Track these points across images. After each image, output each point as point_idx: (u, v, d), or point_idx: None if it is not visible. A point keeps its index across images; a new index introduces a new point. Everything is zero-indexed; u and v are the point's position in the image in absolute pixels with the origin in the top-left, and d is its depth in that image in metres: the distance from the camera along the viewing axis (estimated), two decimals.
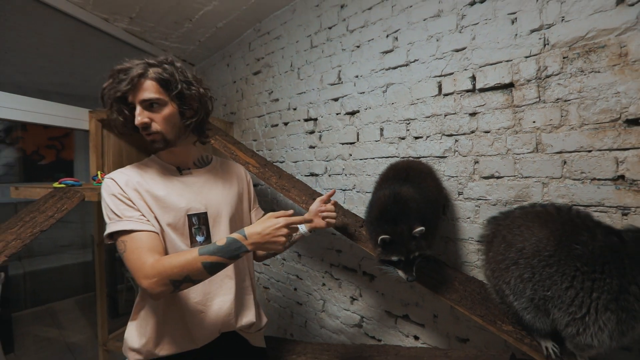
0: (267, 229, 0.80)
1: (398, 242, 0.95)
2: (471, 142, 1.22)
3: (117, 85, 0.85)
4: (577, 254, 0.81)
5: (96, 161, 2.10)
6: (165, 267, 0.79)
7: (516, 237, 0.92)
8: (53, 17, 2.14)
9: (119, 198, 0.88)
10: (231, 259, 0.81)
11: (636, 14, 0.89)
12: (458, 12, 1.24)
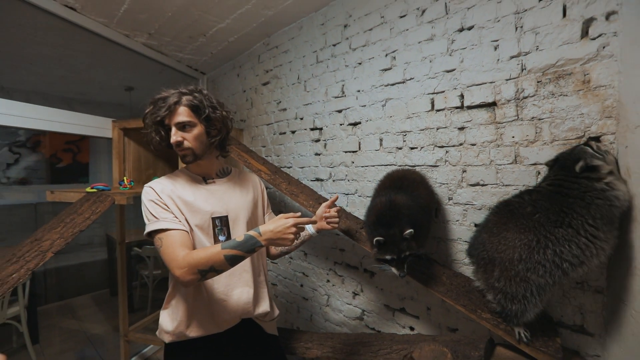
0: (278, 227, 0.95)
1: (391, 243, 1.10)
2: (460, 153, 1.38)
3: (157, 111, 1.01)
4: (543, 223, 0.96)
5: (119, 166, 2.28)
6: (194, 259, 0.94)
7: (504, 252, 1.00)
8: (77, 33, 2.32)
9: (156, 203, 1.04)
10: (248, 252, 0.96)
11: (596, 47, 1.04)
12: (449, 37, 1.39)
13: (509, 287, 0.98)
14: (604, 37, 1.03)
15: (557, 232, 0.93)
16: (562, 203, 0.94)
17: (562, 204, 0.94)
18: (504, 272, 1.00)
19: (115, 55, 2.69)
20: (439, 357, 1.03)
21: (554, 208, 0.95)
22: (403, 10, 1.55)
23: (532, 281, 0.96)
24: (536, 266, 0.95)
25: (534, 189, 1.05)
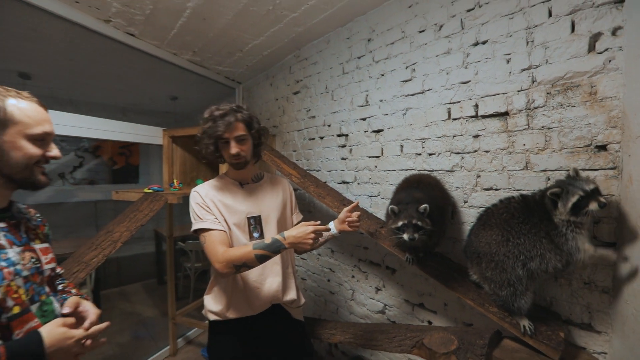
0: (299, 233, 1.11)
1: (404, 212, 1.26)
2: (474, 159, 1.47)
3: (216, 127, 1.20)
4: (514, 222, 1.14)
5: (168, 170, 2.59)
6: (230, 256, 1.14)
7: (484, 247, 1.20)
8: (134, 54, 2.66)
9: (201, 206, 1.25)
10: (274, 253, 1.13)
11: (603, 60, 1.11)
12: (464, 51, 1.49)
13: (495, 275, 1.11)
14: (610, 51, 1.09)
15: (516, 227, 1.12)
16: (529, 208, 1.13)
17: (529, 208, 1.13)
18: (489, 264, 1.17)
19: (164, 70, 3.03)
20: (447, 342, 1.14)
21: (521, 209, 1.13)
22: (422, 25, 1.66)
23: (508, 269, 1.12)
24: (504, 258, 1.14)
25: (512, 197, 1.21)
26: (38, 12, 1.82)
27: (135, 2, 1.85)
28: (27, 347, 0.67)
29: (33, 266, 0.81)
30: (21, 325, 0.73)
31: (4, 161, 0.75)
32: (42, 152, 0.80)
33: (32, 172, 0.79)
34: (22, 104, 0.77)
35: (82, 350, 0.77)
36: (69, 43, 2.41)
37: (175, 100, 4.20)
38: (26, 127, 0.76)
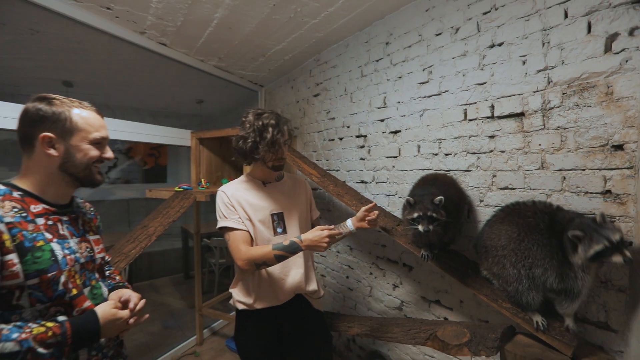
0: (315, 237, 1.19)
1: (419, 203, 1.31)
2: (490, 159, 1.50)
3: (280, 135, 1.30)
4: (537, 228, 1.14)
5: (196, 169, 2.76)
6: (252, 255, 1.24)
7: (494, 240, 1.23)
8: (164, 61, 2.84)
9: (227, 205, 1.36)
10: (291, 254, 1.22)
11: (619, 61, 1.11)
12: (480, 53, 1.52)
13: (501, 271, 1.14)
14: (626, 51, 1.10)
15: (535, 235, 1.13)
16: (554, 228, 1.11)
17: (553, 229, 1.11)
18: (495, 258, 1.20)
19: (191, 76, 3.20)
20: (459, 335, 1.19)
21: (548, 225, 1.13)
22: (439, 29, 1.70)
23: (509, 265, 1.16)
24: (510, 253, 1.17)
25: (547, 204, 1.20)
26: (83, 27, 2.01)
27: (168, 15, 2.00)
28: (86, 323, 0.80)
29: (88, 255, 0.94)
30: (79, 304, 0.85)
31: (70, 162, 0.88)
32: (100, 153, 0.92)
33: (91, 172, 0.92)
34: (84, 113, 0.90)
35: (127, 327, 0.89)
36: (108, 53, 2.62)
37: (201, 103, 4.41)
38: (88, 133, 0.89)
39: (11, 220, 0.77)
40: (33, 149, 0.86)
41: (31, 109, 0.85)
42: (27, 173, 0.88)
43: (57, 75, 3.19)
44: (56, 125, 0.85)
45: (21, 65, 2.86)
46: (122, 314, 0.86)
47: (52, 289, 0.79)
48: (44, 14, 1.86)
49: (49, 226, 0.85)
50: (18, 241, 0.76)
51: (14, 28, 2.14)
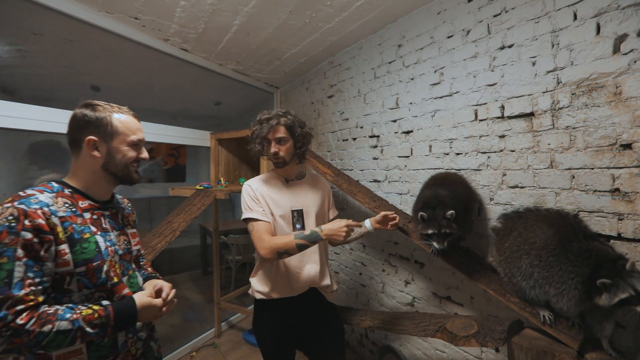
0: (334, 227, 1.26)
1: (433, 219, 1.34)
2: (500, 158, 1.53)
3: (262, 129, 1.41)
4: (570, 249, 1.10)
5: (215, 169, 2.88)
6: (275, 244, 1.32)
7: (530, 233, 1.22)
8: (185, 66, 2.98)
9: (252, 197, 1.45)
10: (312, 243, 1.29)
11: (628, 61, 1.14)
12: (491, 54, 1.56)
13: (514, 261, 1.17)
14: (635, 52, 1.12)
15: (568, 254, 1.10)
16: (586, 261, 1.07)
17: (586, 261, 1.07)
18: (518, 247, 1.21)
19: (210, 79, 3.34)
20: (467, 327, 1.23)
21: (581, 252, 1.08)
22: (450, 31, 1.74)
23: (529, 264, 1.17)
24: (536, 256, 1.16)
25: (593, 234, 1.15)
26: (113, 36, 2.15)
27: (191, 23, 2.12)
28: (126, 308, 0.90)
29: (125, 247, 1.05)
30: (119, 291, 0.96)
31: (111, 162, 0.98)
32: (137, 154, 1.02)
33: (129, 171, 1.02)
34: (122, 118, 1.00)
35: (160, 313, 0.98)
36: (133, 60, 2.78)
37: (219, 105, 4.56)
38: (126, 136, 0.99)
39: (63, 215, 0.87)
40: (80, 151, 0.97)
41: (78, 115, 0.96)
42: (75, 172, 0.99)
43: (87, 80, 3.40)
44: (99, 129, 0.96)
45: (55, 72, 3.06)
46: (155, 301, 0.96)
47: (96, 276, 0.90)
48: (79, 25, 2.01)
49: (94, 220, 0.95)
50: (69, 233, 0.86)
51: (52, 38, 2.31)
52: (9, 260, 0.75)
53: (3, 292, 0.73)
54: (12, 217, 0.78)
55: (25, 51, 2.57)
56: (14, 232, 0.77)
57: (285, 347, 1.49)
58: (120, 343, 0.94)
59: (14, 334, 0.71)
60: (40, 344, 0.74)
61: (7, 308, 0.72)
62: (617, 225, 1.17)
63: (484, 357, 1.67)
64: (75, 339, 0.79)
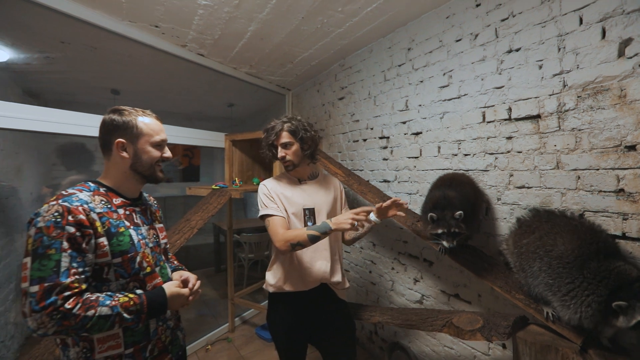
0: (342, 216, 1.32)
1: (442, 220, 1.39)
2: (507, 159, 1.57)
3: (269, 136, 1.50)
4: (588, 267, 1.08)
5: (229, 169, 2.98)
6: (289, 236, 1.39)
7: (550, 240, 1.20)
8: (200, 70, 3.10)
9: (267, 196, 1.53)
10: (323, 234, 1.35)
11: (632, 65, 1.17)
12: (498, 58, 1.60)
13: (527, 258, 1.21)
14: (639, 56, 1.15)
15: (585, 268, 1.08)
16: (605, 282, 1.06)
17: (604, 282, 1.06)
18: (536, 249, 1.21)
19: (224, 82, 3.45)
20: (473, 322, 1.28)
21: (599, 262, 1.08)
22: (458, 35, 1.78)
23: (538, 268, 1.18)
24: (548, 262, 1.17)
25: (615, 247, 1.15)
26: (134, 43, 2.27)
27: (208, 30, 2.21)
28: (157, 296, 0.98)
29: (154, 240, 1.13)
30: (150, 280, 1.04)
31: (138, 162, 1.07)
32: (160, 154, 1.11)
33: (154, 170, 1.11)
34: (146, 120, 1.09)
35: (187, 302, 1.07)
36: (152, 64, 2.90)
37: (232, 107, 4.68)
38: (150, 137, 1.08)
39: (100, 211, 0.96)
40: (111, 153, 1.06)
41: (107, 120, 1.05)
42: (107, 173, 1.08)
43: (107, 84, 3.55)
44: (126, 132, 1.05)
45: (77, 77, 3.22)
46: (183, 291, 1.04)
47: (130, 266, 0.99)
48: (103, 33, 2.13)
49: (127, 215, 1.05)
50: (106, 227, 0.95)
51: (78, 46, 2.45)
52: (56, 251, 0.84)
53: (52, 279, 0.82)
54: (58, 214, 0.88)
55: (52, 58, 2.72)
56: (59, 227, 0.86)
57: (298, 340, 1.57)
58: (151, 330, 1.03)
59: (63, 317, 0.80)
60: (85, 327, 0.83)
61: (56, 294, 0.81)
62: (621, 225, 1.20)
63: (491, 354, 1.71)
64: (114, 323, 0.88)
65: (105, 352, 0.93)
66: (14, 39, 2.35)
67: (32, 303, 0.79)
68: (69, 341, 0.93)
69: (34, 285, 0.81)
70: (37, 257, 0.83)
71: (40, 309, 0.79)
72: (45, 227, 0.85)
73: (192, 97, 4.03)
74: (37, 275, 0.82)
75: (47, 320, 0.79)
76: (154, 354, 1.04)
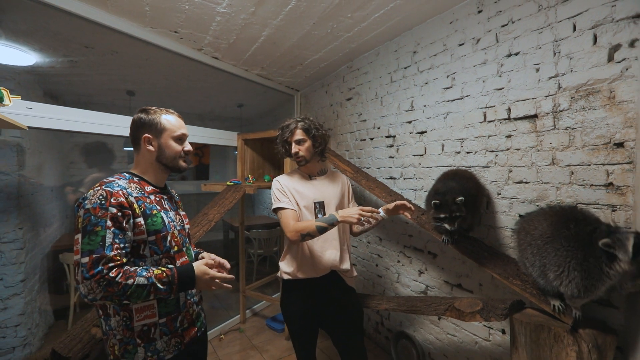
0: (349, 211, 1.44)
1: (445, 205, 1.51)
2: (506, 156, 1.67)
3: (284, 134, 1.63)
4: (564, 235, 1.23)
5: (241, 167, 3.11)
6: (299, 227, 1.51)
7: (530, 227, 1.36)
8: (213, 72, 3.24)
9: (280, 191, 1.66)
10: (330, 225, 1.46)
11: (620, 69, 1.27)
12: (498, 61, 1.70)
13: (523, 252, 1.35)
14: (627, 60, 1.25)
15: (557, 243, 1.23)
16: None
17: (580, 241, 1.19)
18: (522, 240, 1.37)
19: (236, 83, 3.59)
20: (473, 305, 1.39)
21: (570, 230, 1.22)
22: (461, 39, 1.89)
23: (531, 254, 1.31)
24: (534, 245, 1.31)
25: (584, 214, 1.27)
26: (153, 47, 2.40)
27: (224, 35, 2.35)
28: (186, 271, 1.11)
29: (180, 224, 1.27)
30: (179, 258, 1.17)
31: (162, 155, 1.20)
32: (182, 147, 1.24)
33: (177, 161, 1.23)
34: (169, 117, 1.21)
35: (214, 284, 1.15)
36: (168, 67, 3.05)
37: (241, 107, 4.82)
38: (172, 132, 1.20)
39: (137, 195, 1.10)
40: (139, 147, 1.20)
41: (136, 119, 1.19)
42: (137, 164, 1.22)
43: (123, 86, 3.71)
44: (152, 128, 1.18)
45: (96, 79, 3.38)
46: (210, 271, 1.15)
47: (162, 244, 1.12)
48: (124, 38, 2.27)
49: (157, 201, 1.18)
50: (142, 209, 1.09)
51: (100, 50, 2.60)
52: (102, 228, 0.98)
53: (99, 252, 0.95)
54: (102, 197, 1.01)
55: (75, 62, 2.88)
56: (104, 207, 1.00)
57: (310, 324, 1.69)
58: (181, 303, 1.16)
59: (108, 284, 0.93)
60: (126, 294, 0.96)
61: (102, 264, 0.94)
62: (611, 216, 1.31)
63: (491, 340, 1.82)
64: (150, 293, 1.00)
65: (142, 320, 1.07)
66: (42, 44, 2.50)
67: (84, 272, 0.93)
68: (110, 311, 1.06)
69: (85, 256, 0.94)
70: (86, 233, 0.97)
71: (90, 277, 0.92)
72: (92, 208, 0.99)
73: (204, 97, 4.18)
74: (86, 248, 0.95)
75: (96, 286, 0.92)
76: (184, 325, 1.17)
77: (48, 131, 2.04)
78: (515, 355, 1.34)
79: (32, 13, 2.02)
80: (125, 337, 1.06)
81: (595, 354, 1.15)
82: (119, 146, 4.28)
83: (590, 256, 1.15)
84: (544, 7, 1.50)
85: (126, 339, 1.06)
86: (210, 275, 1.14)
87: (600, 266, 1.12)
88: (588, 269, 1.15)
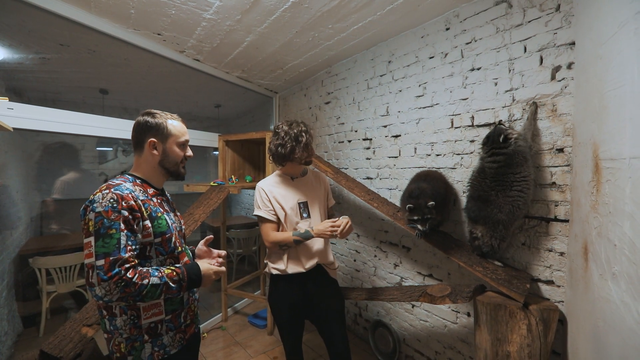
0: (321, 227, 1.60)
1: (417, 208, 1.69)
2: (471, 159, 1.89)
3: (299, 143, 1.68)
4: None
5: (223, 167, 3.16)
6: (277, 238, 1.64)
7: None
8: (195, 74, 3.26)
9: (262, 199, 1.75)
10: (305, 239, 1.63)
11: (560, 87, 1.51)
12: (464, 74, 1.92)
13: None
14: (565, 80, 1.49)
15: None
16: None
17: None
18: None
19: (215, 84, 3.62)
20: (443, 290, 1.58)
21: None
22: (431, 53, 2.10)
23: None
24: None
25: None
26: (133, 48, 2.40)
27: (207, 38, 2.40)
28: (193, 269, 1.17)
29: (179, 225, 1.34)
30: (182, 257, 1.25)
31: (166, 160, 1.25)
32: (184, 153, 1.30)
33: (178, 167, 1.30)
34: (174, 123, 1.27)
35: (216, 276, 1.25)
36: (147, 67, 3.03)
37: (219, 107, 4.82)
38: (177, 138, 1.26)
39: (142, 198, 1.15)
40: (142, 150, 1.22)
41: (142, 121, 1.21)
42: (138, 167, 1.25)
43: (97, 84, 3.62)
44: (158, 133, 1.21)
45: (67, 76, 3.28)
46: (213, 267, 1.22)
47: (167, 245, 1.19)
48: (103, 38, 2.25)
49: (159, 203, 1.24)
50: (149, 212, 1.15)
51: (76, 49, 2.55)
52: (116, 231, 1.02)
53: (115, 254, 1.00)
54: (113, 200, 1.05)
55: (47, 59, 2.80)
56: (116, 211, 1.04)
57: (297, 315, 1.81)
58: (185, 300, 1.24)
59: (125, 285, 0.98)
60: (141, 294, 1.01)
61: (119, 266, 0.99)
62: (554, 210, 1.55)
63: (458, 322, 2.04)
64: (162, 292, 1.05)
65: (149, 318, 1.12)
66: (13, 40, 2.42)
67: (100, 274, 0.96)
68: (116, 311, 1.09)
69: (100, 259, 0.98)
70: (99, 237, 1.00)
71: (108, 279, 0.96)
72: (104, 211, 1.02)
73: (182, 97, 4.16)
74: (102, 251, 0.99)
75: (114, 287, 0.96)
76: (187, 321, 1.25)
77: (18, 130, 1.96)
78: (478, 332, 1.54)
79: (7, 10, 1.97)
80: (132, 335, 1.09)
81: (541, 325, 1.38)
82: (91, 146, 4.14)
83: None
84: (500, 30, 1.73)
85: (133, 336, 1.10)
86: (213, 271, 1.22)
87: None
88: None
